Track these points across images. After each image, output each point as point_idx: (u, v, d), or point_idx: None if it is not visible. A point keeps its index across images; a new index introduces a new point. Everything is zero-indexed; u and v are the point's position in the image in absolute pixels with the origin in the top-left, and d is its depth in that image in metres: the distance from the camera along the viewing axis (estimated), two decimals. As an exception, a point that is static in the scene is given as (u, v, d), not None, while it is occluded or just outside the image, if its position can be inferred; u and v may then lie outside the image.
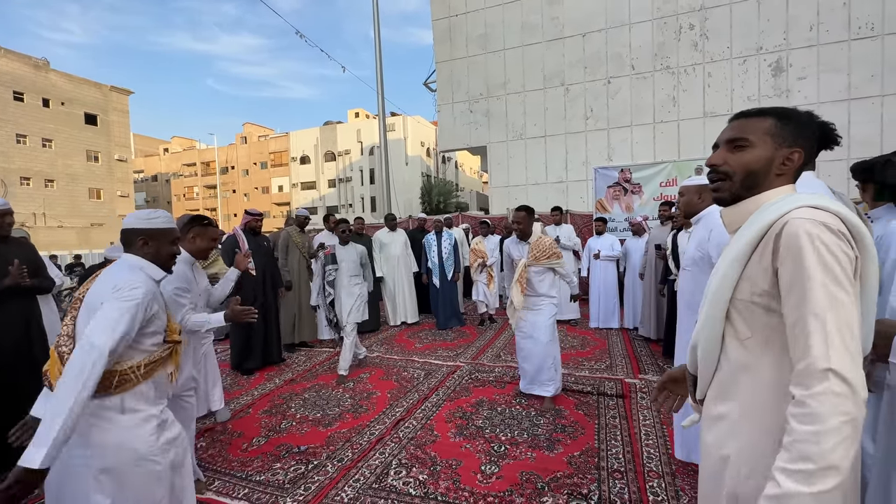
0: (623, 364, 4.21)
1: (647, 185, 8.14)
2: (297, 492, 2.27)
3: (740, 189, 0.95)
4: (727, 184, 0.96)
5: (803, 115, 0.94)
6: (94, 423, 1.37)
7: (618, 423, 2.94)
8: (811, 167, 1.36)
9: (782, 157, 0.92)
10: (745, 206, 0.95)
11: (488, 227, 6.38)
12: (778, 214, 0.84)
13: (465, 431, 2.90)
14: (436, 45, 11.34)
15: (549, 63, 10.00)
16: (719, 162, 0.97)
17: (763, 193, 0.93)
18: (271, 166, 37.23)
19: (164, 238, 1.58)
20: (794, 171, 0.93)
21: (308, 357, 4.83)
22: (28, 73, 25.52)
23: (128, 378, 1.41)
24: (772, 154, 0.92)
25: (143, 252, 1.54)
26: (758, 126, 0.94)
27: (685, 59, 8.94)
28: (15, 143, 24.98)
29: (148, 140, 46.39)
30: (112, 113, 29.92)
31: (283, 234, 5.17)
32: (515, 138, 10.44)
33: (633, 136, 9.42)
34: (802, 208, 0.82)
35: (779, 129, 0.92)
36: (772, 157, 0.92)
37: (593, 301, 5.81)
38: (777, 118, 0.93)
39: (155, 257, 1.57)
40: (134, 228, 1.55)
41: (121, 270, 1.48)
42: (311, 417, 3.22)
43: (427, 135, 33.50)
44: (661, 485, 2.22)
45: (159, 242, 1.57)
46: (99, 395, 1.35)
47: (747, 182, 0.94)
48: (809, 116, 0.95)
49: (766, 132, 0.93)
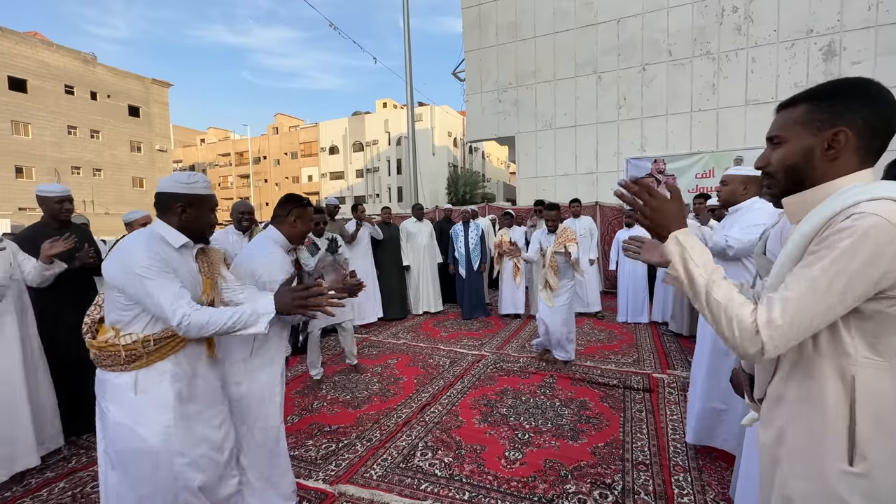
0: (651, 359, 4.15)
1: (682, 177, 7.86)
2: (329, 467, 2.39)
3: (788, 186, 0.89)
4: (774, 182, 0.92)
5: (847, 86, 0.82)
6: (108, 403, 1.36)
7: (644, 417, 2.92)
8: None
9: (824, 142, 0.83)
10: (809, 195, 0.86)
11: (512, 218, 6.35)
12: (842, 206, 0.75)
13: (489, 418, 2.95)
14: (465, 34, 11.24)
15: (581, 50, 9.74)
16: (762, 164, 0.93)
17: (830, 182, 0.83)
18: (301, 156, 38.06)
19: (205, 205, 1.48)
20: (853, 152, 0.81)
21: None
22: (77, 68, 26.96)
23: (136, 353, 1.34)
24: (809, 143, 0.84)
25: (179, 219, 1.43)
26: (789, 117, 0.87)
27: (727, 43, 8.51)
28: (66, 134, 26.54)
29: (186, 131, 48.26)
30: (153, 105, 31.26)
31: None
32: (545, 128, 10.26)
33: (668, 126, 9.09)
34: (881, 201, 0.73)
35: (810, 113, 0.84)
36: (810, 146, 0.84)
37: (621, 295, 5.71)
38: (808, 101, 0.85)
39: (192, 225, 1.46)
40: (174, 193, 1.42)
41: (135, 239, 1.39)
42: (340, 399, 3.35)
43: (454, 125, 33.34)
44: (688, 479, 2.20)
45: (199, 210, 1.46)
46: (113, 371, 1.35)
47: (791, 178, 0.88)
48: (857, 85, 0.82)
49: (797, 121, 0.86)
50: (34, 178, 24.42)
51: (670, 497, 2.06)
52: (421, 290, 6.36)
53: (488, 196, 26.12)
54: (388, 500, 2.08)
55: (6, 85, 23.65)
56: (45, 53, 25.44)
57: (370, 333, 5.32)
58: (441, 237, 6.58)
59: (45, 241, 2.32)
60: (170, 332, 1.38)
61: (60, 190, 2.64)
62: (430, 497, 2.10)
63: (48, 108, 25.48)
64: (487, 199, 24.10)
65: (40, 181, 23.25)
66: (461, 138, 33.62)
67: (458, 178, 28.15)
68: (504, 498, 2.09)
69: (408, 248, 6.30)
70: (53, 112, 25.76)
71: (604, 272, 7.46)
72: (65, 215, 2.68)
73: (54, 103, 25.77)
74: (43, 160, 25.20)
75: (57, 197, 2.58)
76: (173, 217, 1.43)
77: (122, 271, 1.32)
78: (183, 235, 1.44)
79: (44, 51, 25.41)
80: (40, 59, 25.09)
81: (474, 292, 6.07)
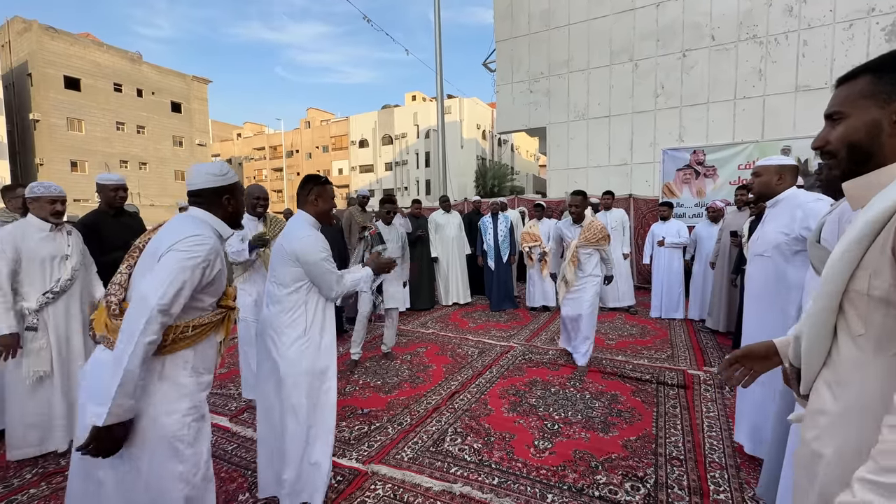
0: (686, 355, 4.03)
1: (723, 168, 7.53)
2: (362, 448, 2.46)
3: (850, 167, 0.82)
4: (834, 162, 0.85)
5: None
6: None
7: (678, 413, 2.84)
8: None
9: (892, 116, 0.76)
10: (874, 177, 0.80)
11: (542, 209, 6.26)
12: None
13: (518, 408, 2.96)
14: (496, 23, 11.07)
15: (617, 37, 9.41)
16: (820, 144, 0.86)
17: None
18: (332, 150, 38.78)
19: (240, 192, 1.51)
20: None
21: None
22: (125, 67, 28.44)
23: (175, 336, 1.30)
24: (875, 117, 0.78)
25: (226, 211, 1.46)
26: (851, 91, 0.81)
27: (776, 26, 8.00)
28: (115, 130, 28.13)
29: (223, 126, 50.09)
30: (193, 101, 32.59)
31: (347, 214, 5.45)
32: (577, 119, 10.02)
33: (709, 115, 8.68)
34: None
35: (875, 85, 0.78)
36: (875, 120, 0.78)
37: (656, 290, 5.55)
38: (872, 73, 0.78)
39: (237, 213, 1.49)
40: (216, 187, 1.44)
41: (187, 223, 1.36)
42: (372, 384, 3.44)
43: (483, 117, 33.05)
44: (724, 476, 2.14)
45: (237, 198, 1.49)
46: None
47: (854, 158, 0.81)
48: None
49: (861, 94, 0.79)
50: (87, 172, 26.06)
51: (706, 492, 2.01)
52: (450, 282, 6.40)
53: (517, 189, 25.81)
54: (419, 481, 2.14)
55: (63, 84, 25.27)
56: (97, 53, 26.96)
57: (399, 322, 5.40)
58: (470, 229, 6.58)
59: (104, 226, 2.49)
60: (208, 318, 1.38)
61: (116, 179, 2.83)
62: (459, 480, 2.14)
63: (99, 106, 27.06)
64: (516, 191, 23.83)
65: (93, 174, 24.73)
66: (490, 131, 33.31)
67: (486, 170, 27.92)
68: (533, 485, 2.10)
69: (436, 240, 6.35)
70: (104, 109, 27.33)
71: (636, 266, 7.26)
72: (119, 202, 2.85)
73: (105, 100, 27.33)
74: (94, 154, 26.83)
75: (113, 185, 2.76)
76: (219, 210, 1.45)
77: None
78: (228, 227, 1.48)
79: (95, 51, 26.92)
80: (92, 59, 26.62)
81: (503, 284, 6.05)
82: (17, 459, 2.30)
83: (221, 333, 1.46)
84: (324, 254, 1.85)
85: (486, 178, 26.90)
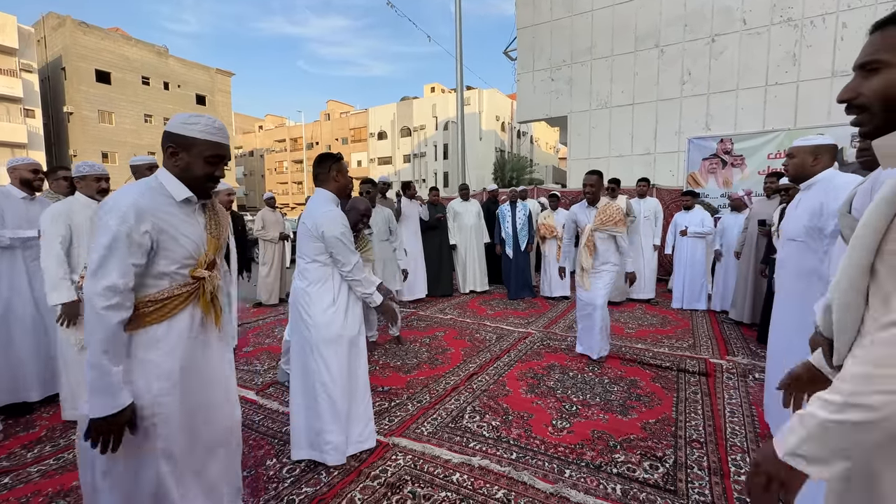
0: (708, 344, 3.96)
1: (752, 157, 7.28)
2: (383, 422, 2.53)
3: (885, 123, 0.75)
4: (866, 117, 0.77)
5: None
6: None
7: (699, 399, 2.81)
8: None
9: None
10: None
11: (557, 199, 6.20)
12: None
13: (536, 390, 2.98)
14: (518, 10, 10.92)
15: (642, 22, 9.16)
16: (849, 96, 0.78)
17: None
18: (351, 142, 39.09)
19: (199, 151, 1.23)
20: None
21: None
22: (153, 60, 29.20)
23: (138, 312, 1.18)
24: None
25: (170, 164, 1.24)
26: (889, 38, 0.73)
27: (813, 8, 7.66)
28: (143, 122, 28.99)
29: (245, 118, 51.01)
30: (217, 94, 33.25)
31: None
32: (599, 107, 9.83)
33: (738, 102, 8.40)
34: None
35: None
36: None
37: (677, 280, 5.45)
38: None
39: (183, 173, 1.24)
40: (167, 132, 1.23)
41: (116, 192, 1.21)
42: (391, 364, 3.51)
43: (503, 108, 32.71)
44: (746, 459, 2.12)
45: (191, 155, 1.23)
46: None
47: (891, 111, 0.74)
48: None
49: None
50: (117, 163, 26.95)
51: (726, 473, 2.00)
52: (468, 269, 6.42)
53: (536, 181, 25.52)
54: (439, 453, 2.19)
55: (94, 77, 26.14)
56: (126, 47, 27.75)
57: (418, 308, 5.48)
58: (488, 218, 6.57)
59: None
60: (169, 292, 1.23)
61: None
62: (478, 454, 2.18)
63: (128, 98, 27.90)
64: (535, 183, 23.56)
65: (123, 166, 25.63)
66: (509, 122, 32.95)
67: (504, 162, 27.69)
68: (551, 461, 2.12)
69: (454, 228, 6.37)
70: (133, 101, 28.17)
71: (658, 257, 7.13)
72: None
73: (133, 93, 28.16)
74: (124, 146, 27.72)
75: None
76: (168, 162, 1.25)
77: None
78: (186, 189, 1.25)
79: (124, 45, 27.71)
80: (122, 53, 27.42)
81: (521, 273, 6.04)
82: (72, 420, 2.47)
83: (198, 309, 1.29)
84: (343, 229, 1.97)
85: (505, 170, 26.69)
